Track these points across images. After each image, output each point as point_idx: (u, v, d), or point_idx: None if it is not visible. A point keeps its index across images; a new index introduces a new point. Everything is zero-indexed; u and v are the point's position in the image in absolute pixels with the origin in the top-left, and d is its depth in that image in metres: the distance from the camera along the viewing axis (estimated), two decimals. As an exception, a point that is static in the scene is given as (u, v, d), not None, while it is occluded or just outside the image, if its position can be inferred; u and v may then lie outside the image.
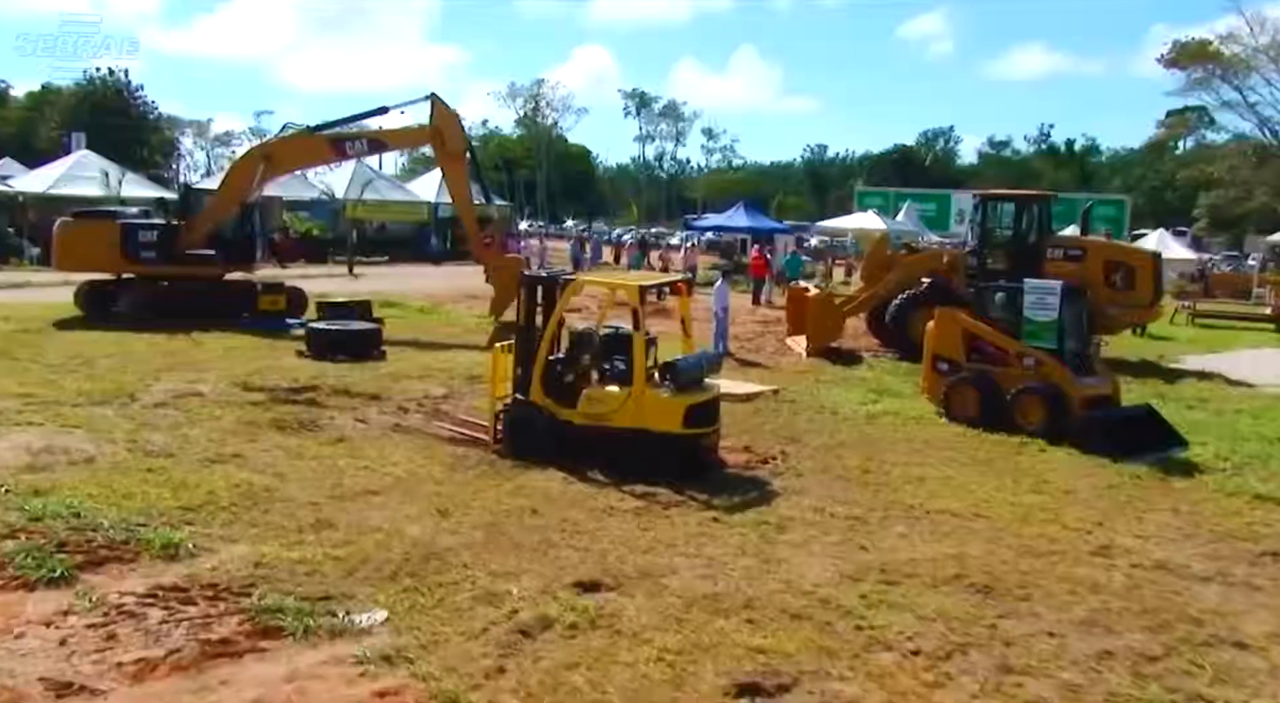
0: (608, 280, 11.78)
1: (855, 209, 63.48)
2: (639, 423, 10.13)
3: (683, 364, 10.29)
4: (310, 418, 12.21)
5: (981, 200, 19.80)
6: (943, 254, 19.64)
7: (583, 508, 8.92)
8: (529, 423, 10.77)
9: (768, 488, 9.85)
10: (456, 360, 16.77)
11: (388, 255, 40.29)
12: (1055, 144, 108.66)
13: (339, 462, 10.25)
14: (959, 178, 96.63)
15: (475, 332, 20.69)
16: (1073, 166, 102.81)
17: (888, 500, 9.50)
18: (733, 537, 8.25)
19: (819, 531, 8.52)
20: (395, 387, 14.36)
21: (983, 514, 9.17)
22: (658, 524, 8.53)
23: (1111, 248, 20.19)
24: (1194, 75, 46.03)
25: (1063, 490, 10.13)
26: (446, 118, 20.94)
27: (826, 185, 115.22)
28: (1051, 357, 12.37)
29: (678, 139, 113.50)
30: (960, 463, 11.09)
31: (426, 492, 9.26)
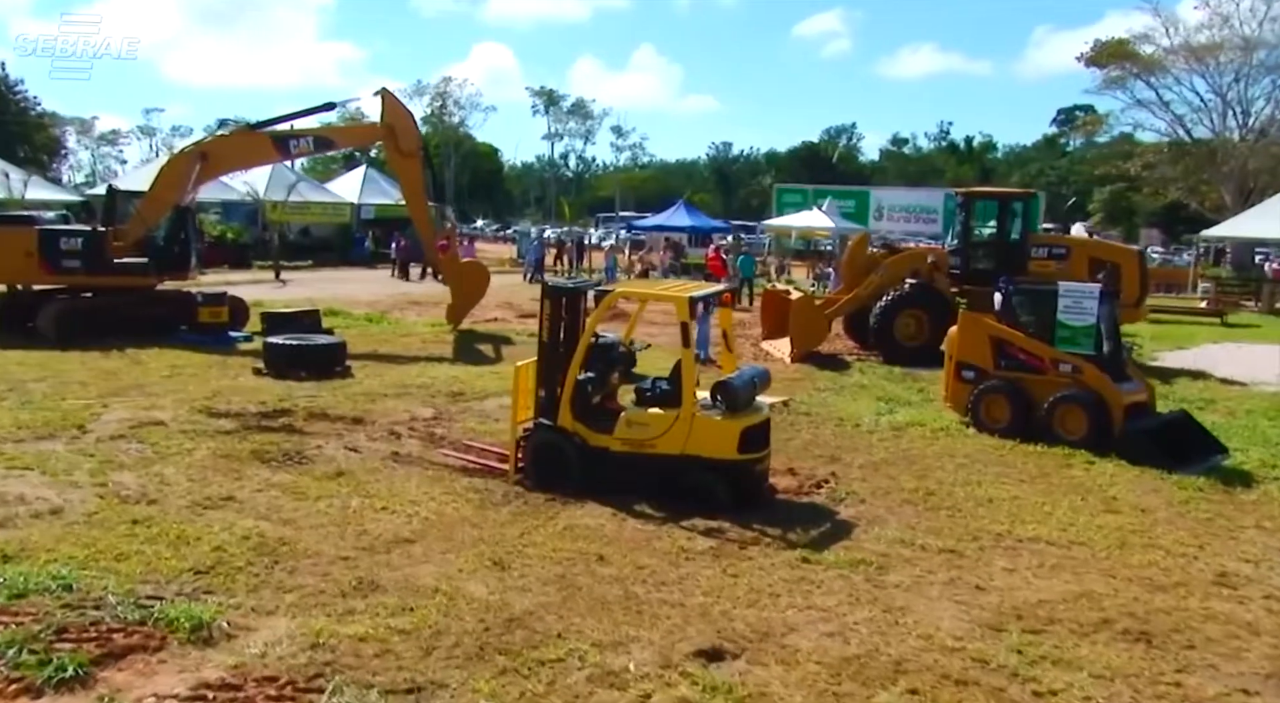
0: (650, 291, 10.76)
1: (774, 207, 63.18)
2: (689, 449, 9.16)
3: (736, 382, 9.34)
4: (295, 448, 10.91)
5: (965, 199, 19.35)
6: (927, 254, 19.11)
7: (651, 551, 7.91)
8: (557, 451, 9.71)
9: (838, 518, 8.99)
10: (431, 376, 15.55)
11: (311, 260, 38.30)
12: (955, 141, 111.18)
13: (350, 502, 9.03)
14: (865, 174, 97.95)
15: (436, 342, 19.45)
16: (973, 163, 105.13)
17: (971, 528, 8.74)
18: (834, 581, 7.36)
19: (921, 568, 7.69)
20: (375, 408, 13.10)
21: (1076, 541, 8.49)
22: (743, 568, 7.58)
23: (1096, 246, 19.98)
24: (1111, 73, 46.97)
25: (1138, 509, 9.51)
26: (399, 114, 19.59)
27: (732, 183, 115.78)
28: (1090, 363, 11.81)
29: (587, 137, 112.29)
30: (1016, 479, 10.42)
31: (466, 537, 8.14)
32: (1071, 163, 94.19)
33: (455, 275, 20.31)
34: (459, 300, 20.34)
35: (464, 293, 20.35)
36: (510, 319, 23.20)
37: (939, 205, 59.44)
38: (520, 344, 19.50)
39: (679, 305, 9.37)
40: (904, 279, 18.72)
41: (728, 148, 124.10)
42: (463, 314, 20.58)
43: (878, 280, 18.77)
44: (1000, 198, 19.47)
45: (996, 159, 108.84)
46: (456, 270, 20.47)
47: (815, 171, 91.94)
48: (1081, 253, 18.36)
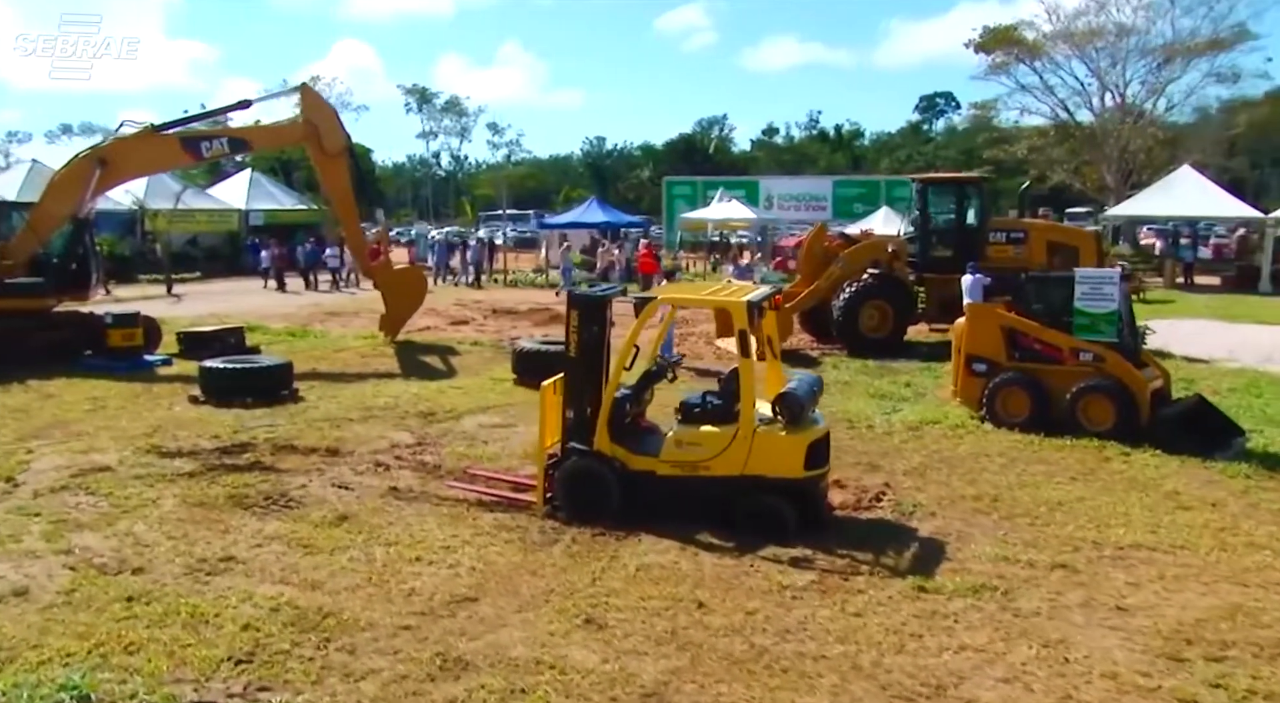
0: (700, 297, 9.82)
1: (664, 200, 62.62)
2: (749, 469, 8.29)
3: (800, 393, 8.51)
4: (275, 490, 9.60)
5: (922, 186, 19.02)
6: (887, 243, 18.70)
7: (748, 591, 7.02)
8: (594, 478, 8.70)
9: (920, 535, 8.28)
10: (390, 395, 14.25)
11: (199, 271, 35.73)
12: (825, 129, 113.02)
13: (373, 553, 7.84)
14: (740, 164, 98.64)
15: (377, 356, 18.03)
16: (845, 151, 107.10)
17: (1062, 538, 8.16)
18: (967, 613, 6.62)
19: (1046, 590, 7.04)
20: (346, 436, 11.80)
21: (1174, 545, 7.99)
22: (861, 604, 6.77)
23: (1053, 229, 19.94)
24: (997, 59, 48.10)
25: (1208, 503, 9.12)
26: (322, 112, 18.05)
27: (608, 177, 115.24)
28: (1112, 351, 11.45)
29: (463, 135, 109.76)
30: (1067, 478, 9.94)
31: (533, 590, 7.08)
32: (936, 148, 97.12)
33: (390, 284, 18.87)
34: (395, 311, 18.93)
35: (400, 303, 18.94)
36: (443, 327, 21.87)
37: (828, 193, 60.04)
38: (466, 353, 18.34)
39: (737, 311, 8.47)
40: (863, 270, 18.26)
41: (601, 142, 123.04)
42: (400, 325, 19.17)
43: (837, 272, 18.27)
44: (956, 183, 19.22)
45: (864, 146, 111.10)
46: (391, 279, 19.03)
47: (694, 163, 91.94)
48: (1040, 237, 18.24)
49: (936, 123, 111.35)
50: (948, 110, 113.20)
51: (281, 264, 32.35)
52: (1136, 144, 44.60)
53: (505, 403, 13.79)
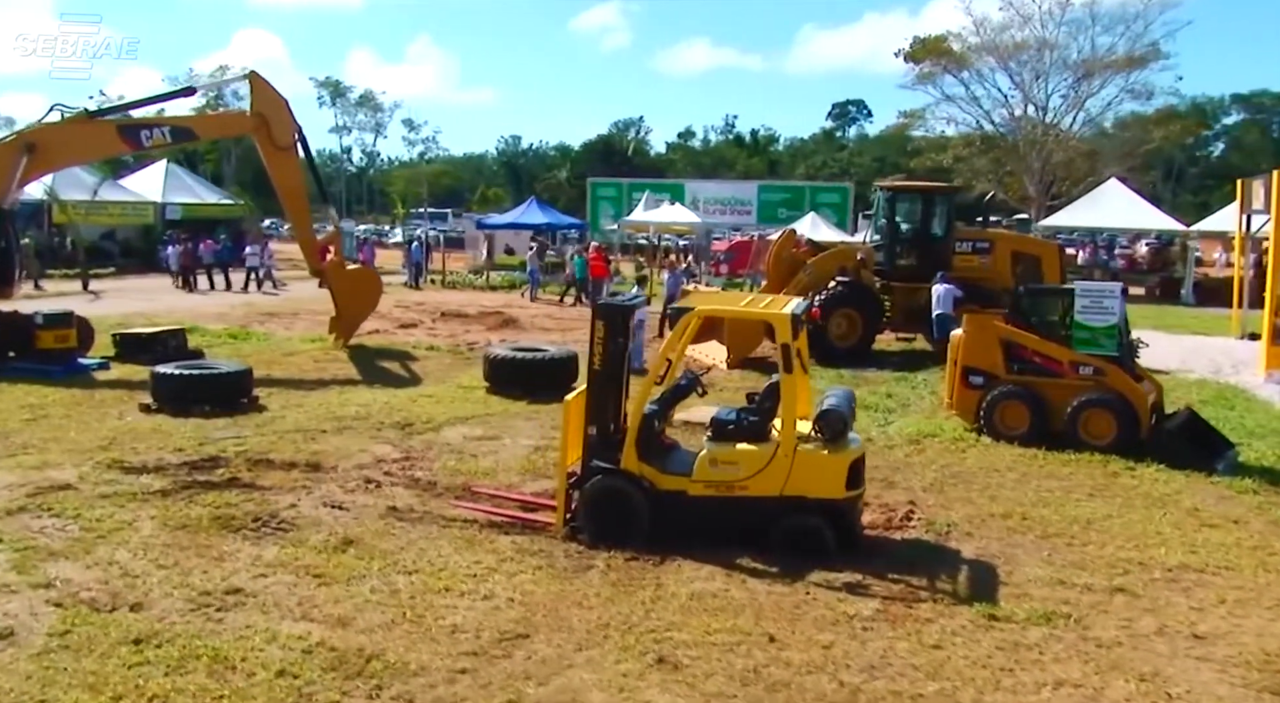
0: (740, 308, 9.39)
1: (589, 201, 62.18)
2: (790, 489, 7.91)
3: (842, 409, 8.16)
4: (262, 510, 8.88)
5: (890, 194, 18.94)
6: (855, 251, 18.58)
7: (814, 622, 6.64)
8: (621, 499, 8.21)
9: (963, 557, 8.02)
10: (358, 404, 13.52)
11: (113, 268, 33.89)
12: (741, 134, 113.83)
13: (394, 583, 7.23)
14: (659, 166, 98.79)
15: (331, 361, 17.17)
16: (761, 155, 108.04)
17: (1108, 559, 7.99)
18: (1048, 643, 6.36)
19: (1116, 617, 6.82)
20: (323, 449, 11.08)
21: (1219, 566, 7.90)
22: (936, 635, 6.45)
23: (1017, 240, 20.11)
24: (924, 69, 48.90)
25: (1230, 520, 9.10)
26: (272, 102, 17.10)
27: (523, 176, 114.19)
28: (1112, 364, 11.42)
29: (378, 130, 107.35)
30: (1085, 493, 9.84)
31: (586, 624, 6.57)
32: (851, 155, 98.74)
33: (343, 286, 17.98)
34: (348, 314, 18.06)
35: (353, 305, 18.08)
36: (392, 331, 21.01)
37: (753, 198, 60.45)
38: (425, 359, 17.62)
39: (780, 324, 8.08)
40: (831, 277, 18.10)
41: (517, 141, 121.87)
42: (353, 329, 18.32)
43: (805, 280, 18.07)
44: (923, 192, 19.21)
45: (780, 151, 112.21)
46: (344, 280, 18.13)
47: (613, 165, 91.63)
48: (1005, 247, 18.35)
49: (850, 130, 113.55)
50: (860, 118, 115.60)
51: (187, 262, 30.34)
52: (1058, 156, 45.79)
53: (484, 413, 13.18)
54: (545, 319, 23.58)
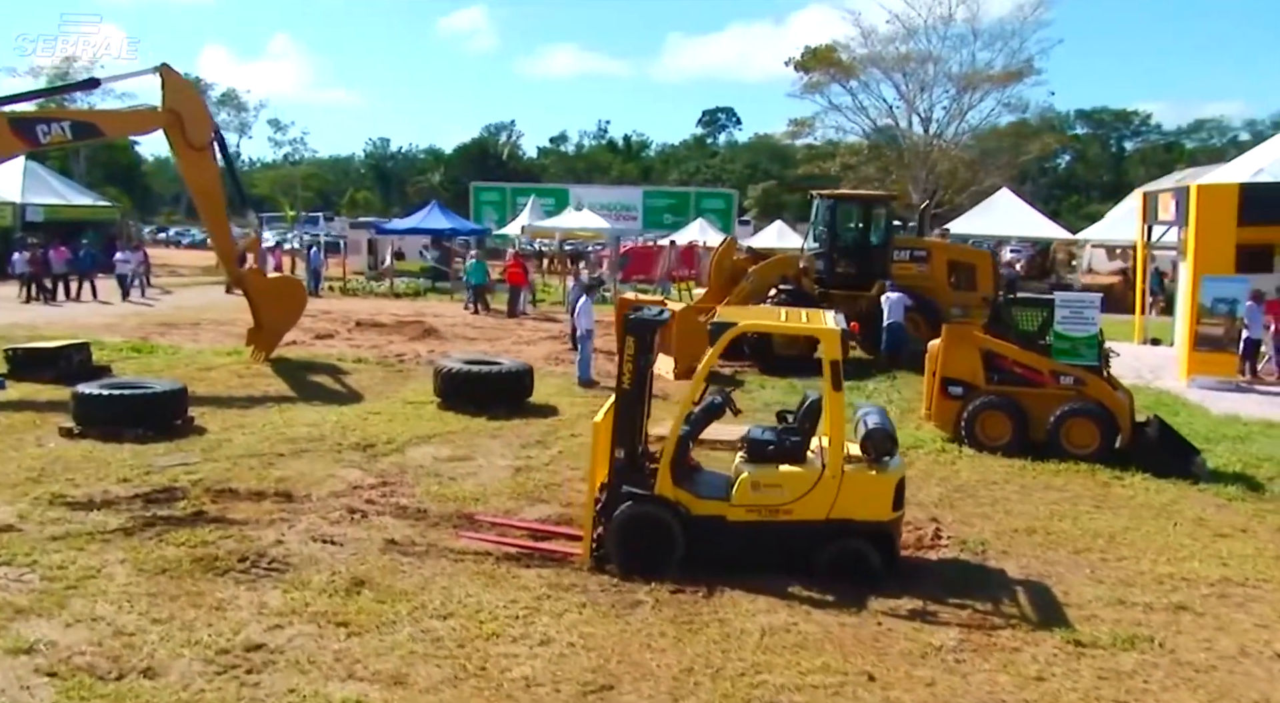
0: (784, 324, 8.92)
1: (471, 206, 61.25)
2: (836, 513, 7.57)
3: (888, 427, 7.86)
4: (246, 548, 8.02)
5: (831, 202, 18.90)
6: (797, 259, 18.46)
7: (905, 657, 6.30)
8: (656, 526, 7.71)
9: (1011, 578, 7.83)
10: (306, 423, 12.59)
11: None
12: (614, 139, 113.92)
13: (431, 629, 6.56)
14: (533, 171, 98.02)
15: (256, 377, 16.00)
16: (635, 161, 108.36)
17: (1149, 575, 7.92)
18: (1146, 670, 6.18)
19: (1192, 638, 6.72)
20: (289, 476, 10.19)
21: (1259, 579, 7.90)
22: (1031, 666, 6.20)
23: (953, 248, 20.34)
24: (813, 79, 49.83)
25: (1239, 530, 9.22)
26: (186, 99, 15.85)
27: (392, 180, 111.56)
28: (1092, 374, 11.54)
29: (242, 130, 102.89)
30: (1090, 505, 9.84)
31: (665, 668, 6.05)
32: (723, 161, 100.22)
33: (265, 295, 16.77)
34: (271, 324, 16.87)
35: (276, 315, 16.91)
36: (309, 341, 19.79)
37: (638, 203, 60.61)
38: (355, 372, 16.63)
39: (829, 340, 7.72)
40: (772, 286, 17.96)
41: (386, 144, 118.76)
42: (276, 341, 17.13)
43: (747, 288, 17.89)
44: (863, 200, 19.28)
45: (652, 157, 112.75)
46: (265, 289, 16.92)
47: (487, 169, 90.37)
48: (941, 255, 18.57)
49: (720, 136, 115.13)
50: (729, 125, 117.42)
51: (36, 269, 27.25)
52: (943, 166, 47.34)
53: (445, 431, 12.41)
54: (466, 328, 22.73)
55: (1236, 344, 17.20)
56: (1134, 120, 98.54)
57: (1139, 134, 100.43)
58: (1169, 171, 66.23)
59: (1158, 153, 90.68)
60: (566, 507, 9.46)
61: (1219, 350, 17.14)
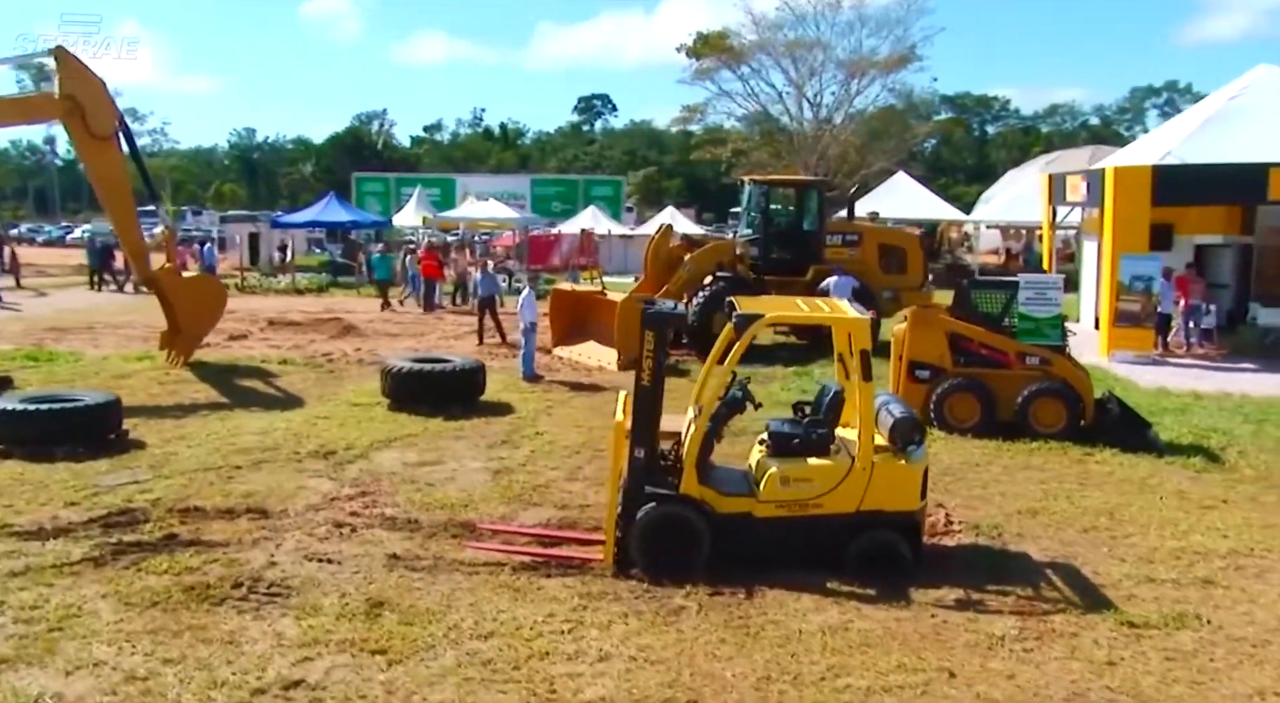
0: (812, 314, 8.65)
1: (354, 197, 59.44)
2: (867, 504, 7.44)
3: (910, 414, 7.75)
4: (236, 572, 7.43)
5: (765, 188, 18.81)
6: (733, 246, 18.33)
7: (973, 650, 6.20)
8: (683, 527, 7.44)
9: (1036, 561, 7.85)
10: (252, 432, 11.85)
11: None
12: (490, 127, 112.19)
13: (476, 650, 6.14)
14: (409, 160, 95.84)
15: (181, 383, 15.00)
16: (513, 149, 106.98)
17: (1162, 550, 8.05)
18: (1209, 650, 6.23)
19: (1233, 614, 6.83)
20: (255, 490, 9.54)
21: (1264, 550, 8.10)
22: (1098, 653, 6.18)
23: (883, 232, 20.50)
24: (703, 65, 49.92)
25: (1219, 501, 9.48)
26: (87, 85, 14.61)
27: (259, 171, 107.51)
28: (1057, 353, 11.77)
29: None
30: (1076, 483, 10.01)
31: (740, 678, 5.79)
32: (601, 149, 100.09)
33: (182, 295, 15.66)
34: (190, 326, 15.80)
35: (195, 317, 15.85)
36: (223, 343, 18.67)
37: (526, 191, 59.99)
38: (284, 374, 15.79)
39: (858, 331, 7.56)
40: (708, 273, 17.83)
41: (251, 134, 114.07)
42: (195, 344, 16.07)
43: (684, 276, 17.71)
44: (796, 186, 19.28)
45: (528, 145, 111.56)
46: (182, 289, 15.81)
47: (361, 158, 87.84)
48: (872, 239, 18.74)
49: (596, 124, 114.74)
50: (605, 112, 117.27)
51: None
52: (833, 150, 48.13)
53: (404, 434, 11.84)
54: (386, 325, 21.88)
55: (1153, 319, 17.92)
56: (994, 105, 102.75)
57: (999, 118, 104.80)
58: (1028, 155, 69.73)
59: (1016, 137, 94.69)
60: (562, 509, 9.09)
61: (1136, 326, 17.82)
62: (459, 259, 27.16)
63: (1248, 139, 18.42)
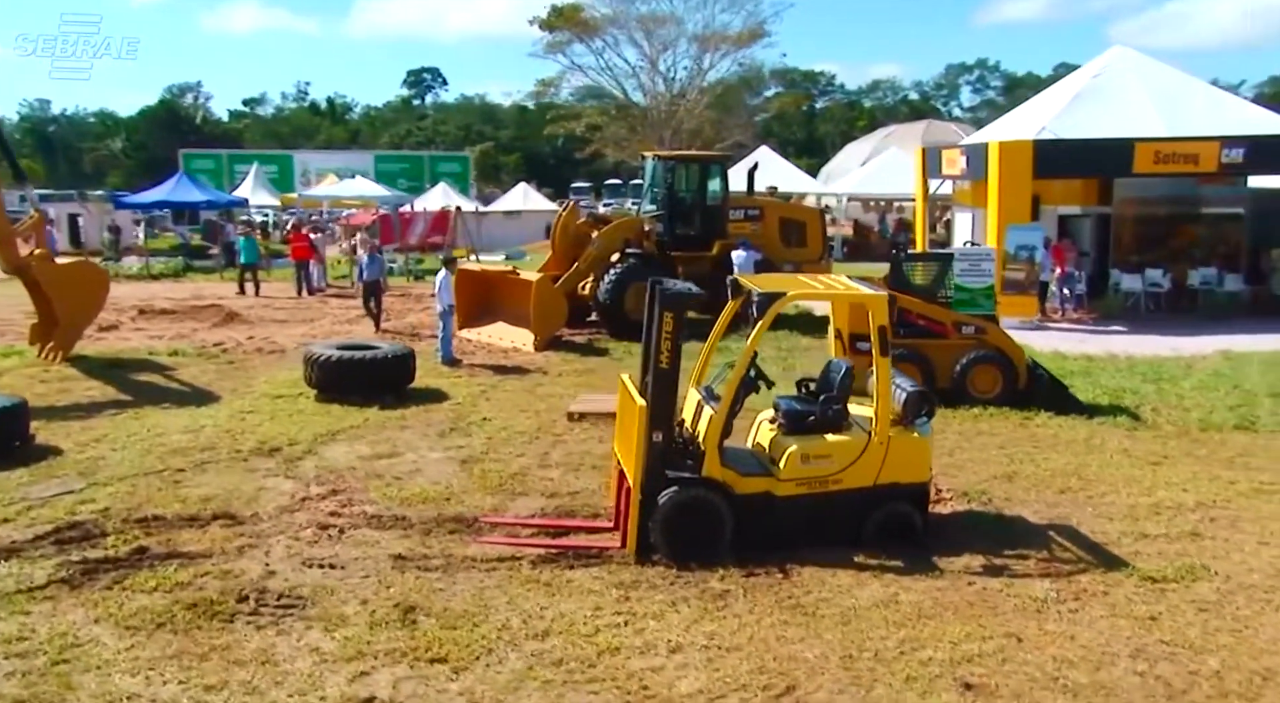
0: (835, 292, 8.50)
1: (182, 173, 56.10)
2: (883, 478, 7.56)
3: (916, 389, 7.90)
4: (234, 585, 6.92)
5: (672, 163, 18.67)
6: (641, 222, 18.16)
7: (1024, 614, 6.39)
8: (706, 509, 7.36)
9: (1035, 523, 8.16)
10: (178, 430, 11.06)
11: None
12: (316, 101, 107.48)
13: (541, 650, 5.92)
14: (231, 136, 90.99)
15: (67, 380, 13.85)
16: (342, 124, 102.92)
17: (1140, 506, 8.52)
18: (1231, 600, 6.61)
19: (1230, 563, 7.29)
20: (213, 494, 8.92)
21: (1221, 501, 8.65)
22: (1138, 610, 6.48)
23: (784, 206, 20.70)
24: (555, 38, 49.41)
25: (1161, 456, 10.13)
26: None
27: (57, 146, 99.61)
28: (990, 322, 12.26)
29: None
30: (1030, 445, 10.47)
31: (820, 659, 5.77)
32: (436, 124, 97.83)
33: (58, 285, 14.29)
34: (69, 318, 14.45)
35: (74, 307, 14.51)
36: (96, 335, 17.17)
37: (370, 168, 58.02)
38: (181, 367, 14.80)
39: (876, 306, 7.62)
40: (616, 249, 17.66)
41: (46, 106, 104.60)
42: (76, 337, 14.72)
43: (594, 253, 17.50)
44: (700, 161, 19.25)
45: (356, 120, 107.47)
46: (58, 278, 14.42)
47: (179, 133, 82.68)
48: (773, 214, 18.99)
49: (427, 98, 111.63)
50: (435, 86, 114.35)
51: None
52: (689, 125, 48.62)
53: (346, 426, 11.24)
54: (269, 311, 20.67)
55: (1035, 287, 18.95)
56: (820, 80, 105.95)
57: (825, 93, 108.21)
58: (854, 127, 72.40)
59: (842, 111, 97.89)
60: (552, 498, 8.85)
61: (1022, 293, 18.77)
62: (348, 240, 25.97)
63: (1111, 116, 19.69)
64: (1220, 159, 18.54)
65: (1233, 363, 14.96)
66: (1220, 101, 21.48)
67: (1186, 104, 20.21)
